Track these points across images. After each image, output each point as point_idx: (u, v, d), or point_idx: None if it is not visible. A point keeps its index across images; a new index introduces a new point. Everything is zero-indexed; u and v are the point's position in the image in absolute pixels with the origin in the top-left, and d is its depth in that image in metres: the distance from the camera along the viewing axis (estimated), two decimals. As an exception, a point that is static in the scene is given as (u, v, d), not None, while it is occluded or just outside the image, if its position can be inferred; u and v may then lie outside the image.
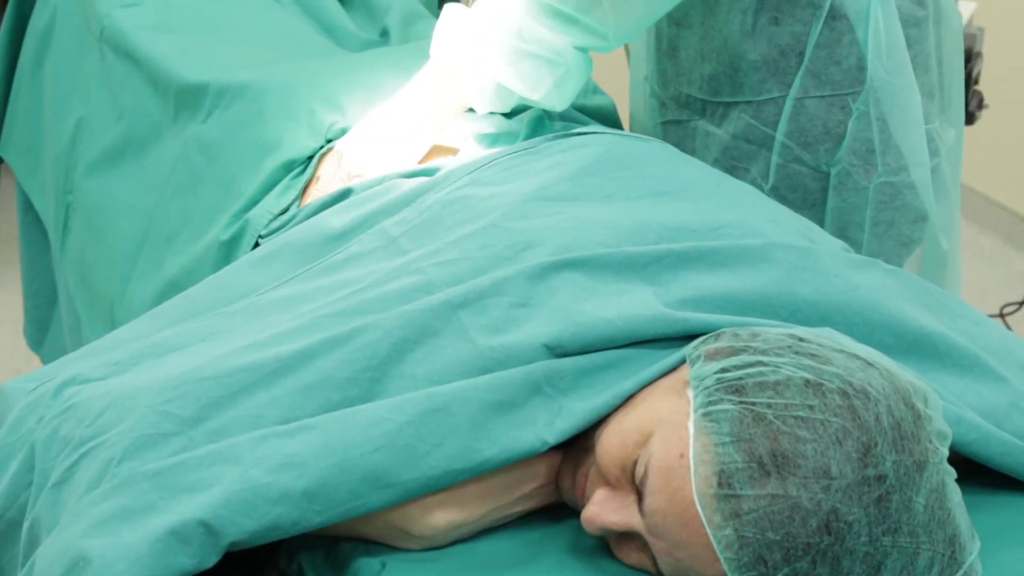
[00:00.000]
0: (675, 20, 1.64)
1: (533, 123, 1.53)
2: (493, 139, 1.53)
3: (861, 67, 1.57)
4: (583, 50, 1.48)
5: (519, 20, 1.45)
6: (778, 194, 1.61)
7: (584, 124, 1.58)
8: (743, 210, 1.32)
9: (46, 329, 2.25)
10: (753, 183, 1.61)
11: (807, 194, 1.62)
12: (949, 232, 1.72)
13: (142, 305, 1.61)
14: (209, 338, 1.20)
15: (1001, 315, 3.35)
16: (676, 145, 1.68)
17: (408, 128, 1.53)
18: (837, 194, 1.61)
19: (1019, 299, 3.40)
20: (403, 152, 1.52)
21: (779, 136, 1.60)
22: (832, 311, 1.19)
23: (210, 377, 1.11)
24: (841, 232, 1.62)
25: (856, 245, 1.62)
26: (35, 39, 2.11)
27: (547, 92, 1.49)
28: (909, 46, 1.59)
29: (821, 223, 1.61)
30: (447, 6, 1.55)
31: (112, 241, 1.76)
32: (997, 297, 3.39)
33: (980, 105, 2.23)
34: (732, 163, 1.63)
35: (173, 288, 1.53)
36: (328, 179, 1.53)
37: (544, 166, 1.37)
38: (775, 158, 1.61)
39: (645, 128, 1.77)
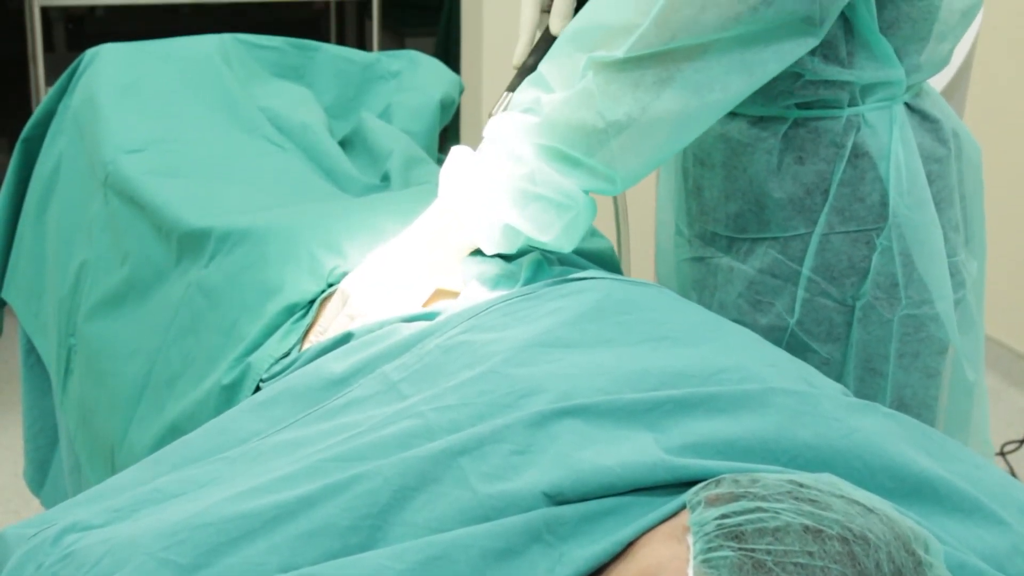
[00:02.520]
0: (699, 160, 1.67)
1: (533, 266, 1.54)
2: (494, 282, 1.54)
3: (884, 203, 1.59)
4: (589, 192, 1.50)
5: (529, 163, 1.48)
6: (803, 328, 1.62)
7: (583, 268, 1.59)
8: (742, 354, 1.32)
9: (46, 471, 2.24)
10: (777, 317, 1.63)
11: (832, 328, 1.63)
12: (975, 363, 1.72)
13: (143, 449, 1.62)
14: (210, 484, 1.20)
15: (1002, 453, 3.35)
16: (699, 281, 1.71)
17: (412, 270, 1.55)
18: (862, 327, 1.62)
19: (1020, 437, 3.40)
20: (407, 294, 1.53)
21: (805, 271, 1.62)
22: (832, 455, 1.19)
23: (209, 523, 1.11)
24: (867, 364, 1.63)
25: (882, 377, 1.63)
26: (41, 183, 2.14)
27: (557, 235, 1.50)
28: (932, 181, 1.62)
29: (846, 356, 1.62)
30: (454, 148, 1.57)
31: (113, 384, 1.77)
32: (998, 435, 3.39)
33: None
34: (757, 297, 1.65)
35: (174, 432, 1.53)
36: (331, 318, 1.54)
37: (544, 312, 1.39)
38: (801, 292, 1.62)
39: (669, 266, 1.79)
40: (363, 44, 5.81)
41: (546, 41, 1.67)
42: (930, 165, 1.62)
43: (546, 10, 1.68)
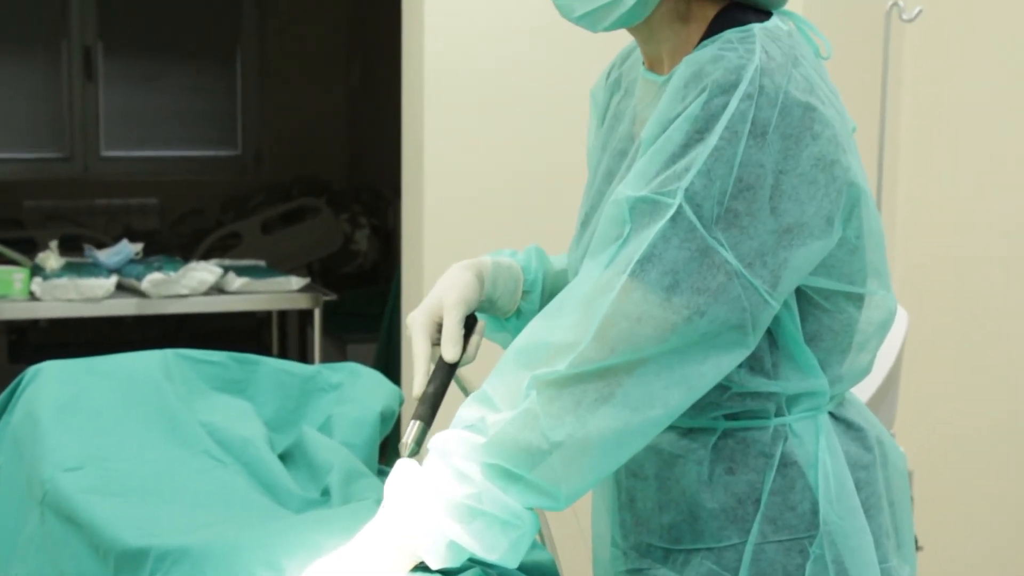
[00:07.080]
0: (631, 472, 1.69)
1: (472, 581, 1.54)
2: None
3: (815, 511, 1.62)
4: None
5: (476, 482, 1.50)
6: None
7: (522, 582, 1.59)
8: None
9: None
10: None
11: None
12: None
13: None
14: None
15: None
16: (638, 595, 1.70)
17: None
18: None
19: None
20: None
21: None
22: None
23: None
24: None
25: None
26: (-22, 502, 2.12)
27: (503, 554, 1.51)
28: (860, 488, 1.65)
29: None
30: (399, 461, 1.59)
31: None
32: None
33: (916, 547, 2.27)
34: None
35: None
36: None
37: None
38: None
39: (608, 576, 1.79)
40: (305, 351, 5.87)
41: (442, 369, 1.72)
42: (857, 472, 1.65)
43: (436, 343, 1.74)
